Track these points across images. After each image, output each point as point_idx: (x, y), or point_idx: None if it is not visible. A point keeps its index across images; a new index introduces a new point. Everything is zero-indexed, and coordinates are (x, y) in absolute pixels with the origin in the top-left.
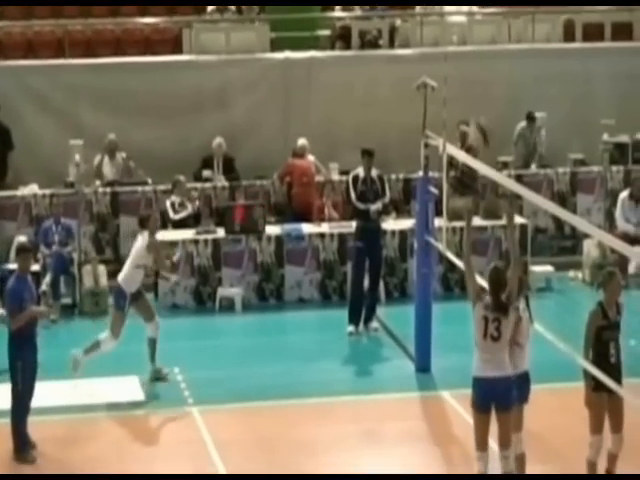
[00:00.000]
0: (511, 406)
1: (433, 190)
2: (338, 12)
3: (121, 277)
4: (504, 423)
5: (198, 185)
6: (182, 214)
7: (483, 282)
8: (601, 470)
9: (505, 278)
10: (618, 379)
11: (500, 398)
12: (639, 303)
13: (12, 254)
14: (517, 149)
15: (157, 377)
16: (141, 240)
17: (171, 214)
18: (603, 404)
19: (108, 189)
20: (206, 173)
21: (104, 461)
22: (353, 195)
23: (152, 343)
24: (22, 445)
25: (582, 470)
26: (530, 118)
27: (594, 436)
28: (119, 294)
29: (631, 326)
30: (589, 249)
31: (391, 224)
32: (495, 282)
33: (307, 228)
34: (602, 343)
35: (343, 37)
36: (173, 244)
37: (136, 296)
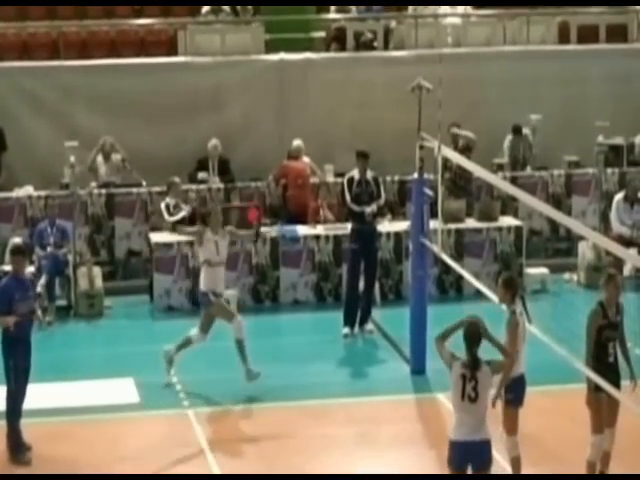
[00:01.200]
0: (489, 467)
1: (428, 192)
2: (333, 14)
3: (200, 280)
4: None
5: (193, 187)
6: (177, 216)
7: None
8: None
9: (482, 332)
10: (616, 378)
11: (477, 462)
12: (634, 305)
13: (7, 256)
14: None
15: (250, 377)
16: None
17: (166, 216)
18: (603, 404)
19: (103, 191)
20: (201, 175)
21: (100, 463)
22: (348, 197)
23: (239, 344)
24: (17, 446)
25: (577, 472)
26: (516, 131)
27: (595, 436)
28: (201, 296)
29: (626, 328)
30: (584, 251)
31: (386, 226)
32: (472, 336)
33: (302, 230)
34: (601, 342)
35: (338, 39)
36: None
37: (220, 295)
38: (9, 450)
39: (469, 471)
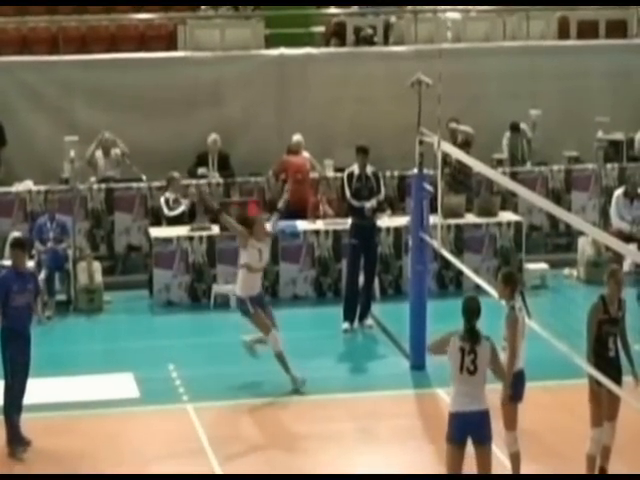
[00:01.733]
0: (488, 440)
1: (428, 187)
2: (333, 9)
3: (237, 285)
4: (483, 457)
5: (193, 182)
6: (177, 211)
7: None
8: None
9: (480, 307)
10: (616, 373)
11: (477, 432)
12: (633, 300)
13: (7, 249)
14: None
15: (295, 388)
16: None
17: (165, 211)
18: (603, 398)
19: (103, 185)
20: (201, 170)
21: (99, 458)
22: (348, 192)
23: (278, 357)
24: (13, 440)
25: (577, 467)
26: (514, 128)
27: (594, 429)
28: (239, 302)
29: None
30: (584, 247)
31: (386, 221)
32: (470, 310)
33: (302, 225)
34: (601, 336)
35: (338, 34)
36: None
37: (257, 300)
38: (7, 442)
39: (469, 445)
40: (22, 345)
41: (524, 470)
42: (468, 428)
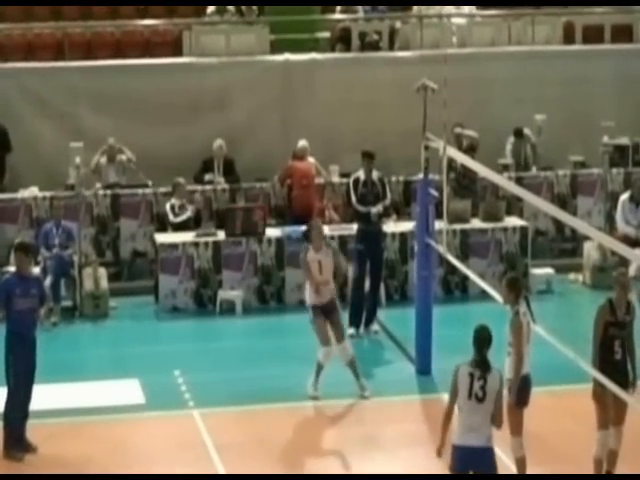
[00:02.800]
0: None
1: (433, 192)
2: (338, 14)
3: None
4: None
5: (199, 187)
6: (182, 217)
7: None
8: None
9: (491, 337)
10: (622, 377)
11: (479, 469)
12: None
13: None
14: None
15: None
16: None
17: (171, 217)
18: (609, 400)
19: (108, 191)
20: (208, 176)
21: (105, 464)
22: (354, 198)
23: (350, 365)
24: (11, 442)
25: (580, 470)
26: (518, 134)
27: (600, 432)
28: (308, 308)
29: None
30: (589, 251)
31: (391, 226)
32: (481, 340)
33: None
34: (607, 339)
35: (343, 39)
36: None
37: (324, 309)
38: (3, 445)
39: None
40: (26, 350)
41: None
42: (470, 463)
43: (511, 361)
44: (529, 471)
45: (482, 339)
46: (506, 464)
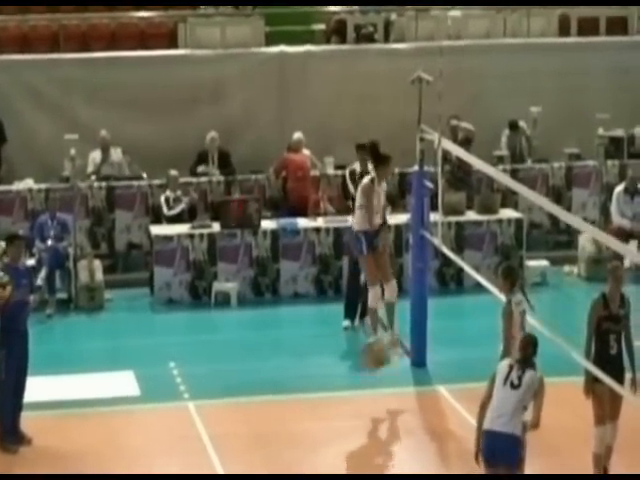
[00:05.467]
0: (514, 465)
1: (429, 184)
2: (333, 6)
3: (353, 221)
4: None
5: (194, 180)
6: (176, 210)
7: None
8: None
9: (536, 341)
10: (617, 371)
11: (504, 456)
12: (634, 298)
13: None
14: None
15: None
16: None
17: (165, 210)
18: (604, 395)
19: (103, 183)
20: (201, 168)
21: (99, 456)
22: (352, 189)
23: (388, 307)
24: (5, 434)
25: (579, 463)
26: (513, 126)
27: (598, 427)
28: (355, 238)
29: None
30: (584, 244)
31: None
32: (525, 342)
33: (303, 222)
34: (602, 334)
35: (338, 31)
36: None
37: (374, 240)
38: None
39: (499, 467)
40: (19, 342)
41: (526, 467)
42: (495, 448)
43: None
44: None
45: (526, 340)
46: None
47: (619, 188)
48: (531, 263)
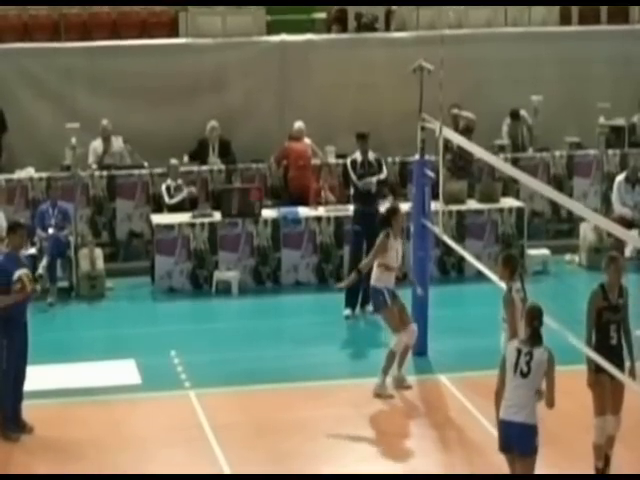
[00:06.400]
0: (529, 454)
1: (430, 173)
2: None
3: (373, 276)
4: (520, 470)
5: (194, 168)
6: (177, 198)
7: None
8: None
9: (541, 311)
10: (618, 362)
11: (518, 444)
12: (635, 287)
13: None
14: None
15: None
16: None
17: (166, 199)
18: (605, 386)
19: (104, 172)
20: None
21: (100, 445)
22: (354, 177)
23: (389, 355)
24: (7, 423)
25: (580, 453)
26: (514, 115)
27: (598, 418)
28: (376, 293)
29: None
30: (585, 232)
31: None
32: (532, 311)
33: (304, 211)
34: (602, 324)
35: (339, 20)
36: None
37: (395, 294)
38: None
39: (514, 456)
40: (19, 331)
41: None
42: (511, 438)
43: (506, 337)
44: None
45: (532, 311)
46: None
47: (620, 177)
48: (532, 252)
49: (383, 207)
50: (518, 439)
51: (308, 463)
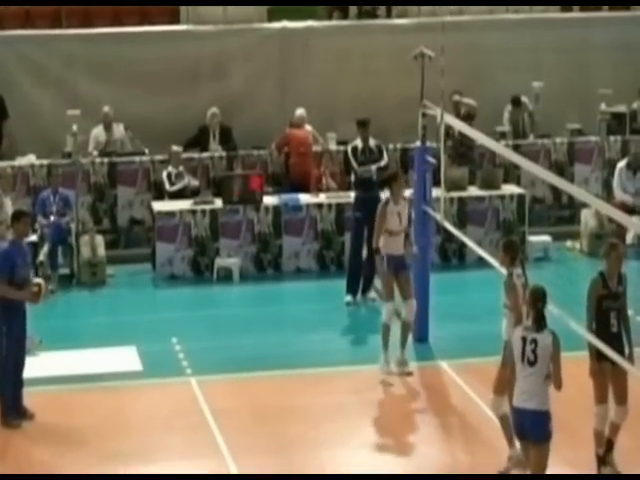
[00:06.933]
0: (544, 440)
1: (431, 160)
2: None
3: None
4: (535, 456)
5: (195, 155)
6: (178, 186)
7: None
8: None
9: (545, 293)
10: (620, 349)
11: (532, 431)
12: (636, 273)
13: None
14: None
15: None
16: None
17: (167, 186)
18: (606, 373)
19: (105, 159)
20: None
21: (102, 431)
22: (355, 164)
23: (383, 328)
24: (7, 410)
25: (582, 439)
26: (515, 102)
27: (599, 406)
28: (378, 258)
29: (628, 296)
30: (587, 219)
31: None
32: (536, 293)
33: (305, 198)
34: (602, 312)
35: (340, 7)
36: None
37: (396, 262)
38: (0, 415)
39: (529, 443)
40: (18, 319)
41: None
42: (525, 425)
43: (508, 322)
44: None
45: (535, 293)
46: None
47: (621, 164)
48: (533, 238)
49: (384, 194)
50: (532, 426)
51: (309, 449)
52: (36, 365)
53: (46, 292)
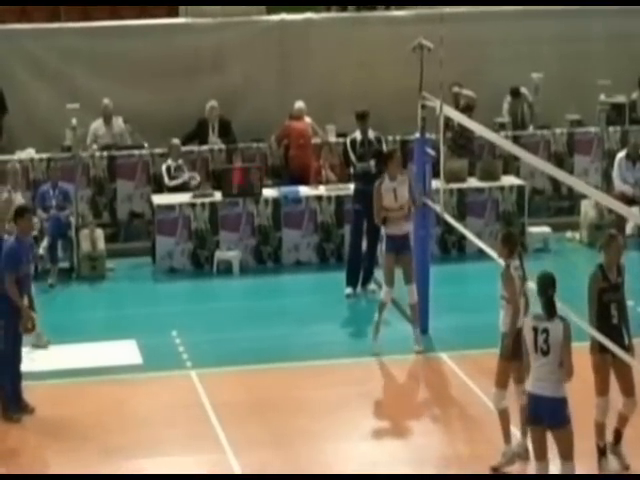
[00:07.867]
0: (563, 425)
1: (430, 151)
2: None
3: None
4: (559, 439)
5: (195, 148)
6: (178, 180)
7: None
8: (610, 430)
9: (554, 279)
10: (620, 340)
11: (550, 418)
12: (636, 264)
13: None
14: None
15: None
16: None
17: (167, 180)
18: (607, 366)
19: (105, 153)
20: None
21: (102, 425)
22: (353, 157)
23: (379, 307)
24: (7, 403)
25: (585, 431)
26: (515, 93)
27: (600, 398)
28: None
29: (628, 287)
30: (586, 210)
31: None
32: (544, 280)
33: (304, 191)
34: (603, 305)
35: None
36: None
37: (400, 245)
38: (1, 407)
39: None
40: (16, 312)
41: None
42: (540, 411)
43: (505, 314)
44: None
45: (543, 280)
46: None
47: (621, 154)
48: (533, 229)
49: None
50: (550, 413)
51: (310, 441)
52: (36, 359)
53: (32, 330)
